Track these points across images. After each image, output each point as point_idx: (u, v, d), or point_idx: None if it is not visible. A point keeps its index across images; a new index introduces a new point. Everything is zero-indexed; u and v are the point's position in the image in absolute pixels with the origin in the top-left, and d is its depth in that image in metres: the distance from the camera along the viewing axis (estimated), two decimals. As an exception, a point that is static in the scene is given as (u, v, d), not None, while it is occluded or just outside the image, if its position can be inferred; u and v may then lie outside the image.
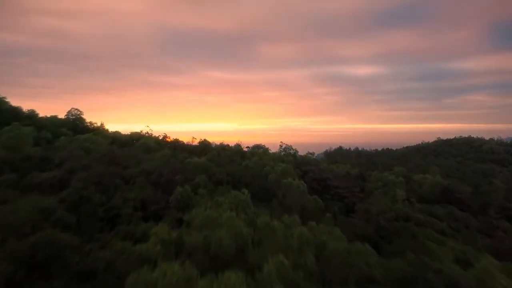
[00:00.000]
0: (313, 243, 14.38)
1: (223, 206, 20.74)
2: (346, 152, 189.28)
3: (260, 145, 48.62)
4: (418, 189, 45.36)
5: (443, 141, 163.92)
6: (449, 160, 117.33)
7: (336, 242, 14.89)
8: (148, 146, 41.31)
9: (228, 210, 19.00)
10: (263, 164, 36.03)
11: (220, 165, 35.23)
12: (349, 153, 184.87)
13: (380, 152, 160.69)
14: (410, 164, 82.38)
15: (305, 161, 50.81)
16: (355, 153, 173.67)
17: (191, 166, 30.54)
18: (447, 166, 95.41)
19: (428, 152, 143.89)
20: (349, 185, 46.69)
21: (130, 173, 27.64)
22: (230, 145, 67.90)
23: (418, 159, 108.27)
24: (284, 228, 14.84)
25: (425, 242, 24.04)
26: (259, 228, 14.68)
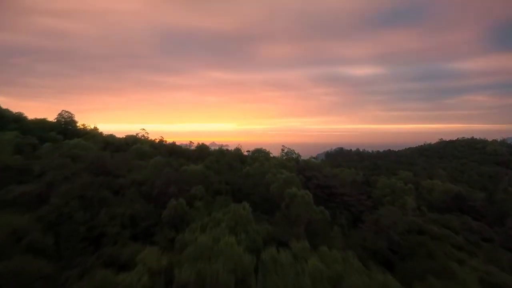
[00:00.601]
0: (326, 277, 12.12)
1: (221, 224, 18.41)
2: (347, 153, 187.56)
3: (261, 149, 46.27)
4: (427, 196, 43.02)
5: (446, 142, 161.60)
6: (453, 163, 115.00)
7: (354, 274, 12.61)
8: (142, 151, 38.95)
9: (226, 232, 16.66)
10: (265, 171, 33.69)
11: (218, 172, 32.87)
12: (350, 155, 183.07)
13: (382, 153, 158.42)
14: (415, 167, 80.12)
15: (309, 166, 48.48)
16: (356, 155, 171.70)
17: (187, 174, 28.18)
18: (452, 169, 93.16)
19: (431, 154, 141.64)
20: (355, 193, 44.39)
21: (119, 183, 25.27)
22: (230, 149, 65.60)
23: (422, 161, 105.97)
24: (293, 260, 12.55)
25: (446, 261, 21.74)
26: (264, 262, 12.40)
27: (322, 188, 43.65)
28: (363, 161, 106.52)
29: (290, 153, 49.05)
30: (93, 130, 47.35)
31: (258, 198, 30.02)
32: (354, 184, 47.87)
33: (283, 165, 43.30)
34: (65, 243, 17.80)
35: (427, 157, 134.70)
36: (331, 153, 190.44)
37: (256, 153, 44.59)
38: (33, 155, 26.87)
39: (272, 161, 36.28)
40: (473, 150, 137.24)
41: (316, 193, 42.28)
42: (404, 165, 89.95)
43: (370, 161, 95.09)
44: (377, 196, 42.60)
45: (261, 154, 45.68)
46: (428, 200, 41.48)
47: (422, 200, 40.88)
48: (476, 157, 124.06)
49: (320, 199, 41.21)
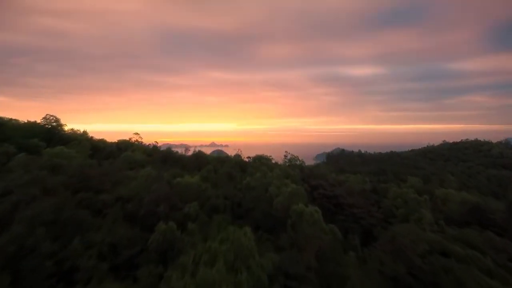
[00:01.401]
0: None
1: (217, 258, 15.22)
2: (349, 155, 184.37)
3: (263, 156, 43.04)
4: (442, 208, 39.86)
5: (450, 144, 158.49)
6: (459, 166, 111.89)
7: None
8: (133, 159, 35.72)
9: (223, 271, 13.48)
10: (267, 182, 30.49)
11: (216, 184, 29.65)
12: (352, 156, 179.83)
13: (385, 155, 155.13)
14: (422, 171, 76.91)
15: (313, 174, 45.29)
16: (358, 156, 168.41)
17: (181, 188, 24.95)
18: (459, 173, 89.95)
19: (436, 156, 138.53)
20: (364, 203, 41.18)
21: (102, 200, 22.05)
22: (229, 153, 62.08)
23: (428, 165, 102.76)
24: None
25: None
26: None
27: (329, 198, 40.43)
28: (367, 165, 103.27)
29: (294, 160, 45.88)
30: (82, 134, 44.10)
31: (260, 214, 26.83)
32: (363, 194, 44.72)
33: (287, 174, 40.12)
34: (26, 281, 14.63)
35: (431, 159, 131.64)
36: (332, 155, 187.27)
37: (258, 160, 41.38)
38: (5, 168, 23.62)
39: (275, 170, 33.05)
40: (478, 153, 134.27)
41: (322, 203, 39.14)
42: (410, 169, 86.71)
43: (375, 165, 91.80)
44: (387, 207, 39.45)
45: (263, 161, 42.47)
46: (443, 212, 38.30)
47: (437, 212, 37.71)
48: (481, 160, 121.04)
49: (327, 210, 38.04)
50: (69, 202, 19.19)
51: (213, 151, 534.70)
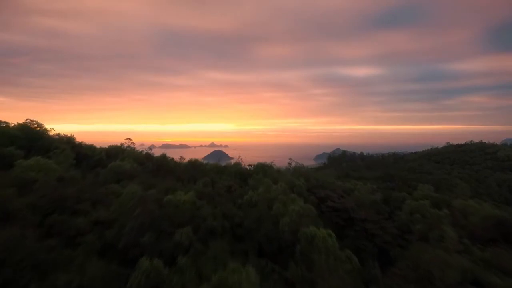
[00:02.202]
0: None
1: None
2: (351, 157, 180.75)
3: (266, 164, 39.46)
4: (463, 222, 36.34)
5: (454, 146, 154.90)
6: (466, 170, 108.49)
7: None
8: (122, 169, 32.14)
9: None
10: (272, 197, 26.97)
11: (213, 200, 26.07)
12: (354, 158, 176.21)
13: (389, 159, 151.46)
14: (431, 177, 73.49)
15: (320, 184, 41.74)
16: (361, 159, 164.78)
17: (171, 209, 21.42)
18: (467, 177, 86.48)
19: (441, 159, 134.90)
20: (377, 217, 37.62)
21: (76, 226, 18.50)
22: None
23: (435, 169, 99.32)
24: None
25: None
26: None
27: (338, 212, 36.88)
28: (371, 169, 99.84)
29: (299, 168, 42.38)
30: (69, 140, 40.43)
31: (264, 237, 23.35)
32: (374, 205, 41.17)
33: (293, 184, 36.61)
34: None
35: (436, 162, 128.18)
36: (334, 157, 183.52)
37: (260, 169, 37.78)
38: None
39: (280, 183, 29.47)
40: (484, 155, 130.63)
41: (331, 218, 35.66)
42: (417, 174, 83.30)
43: (381, 169, 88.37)
44: (402, 220, 35.97)
45: (266, 169, 38.91)
46: (465, 228, 34.80)
47: (458, 227, 34.20)
48: (489, 164, 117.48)
49: (337, 226, 34.53)
50: (31, 233, 15.60)
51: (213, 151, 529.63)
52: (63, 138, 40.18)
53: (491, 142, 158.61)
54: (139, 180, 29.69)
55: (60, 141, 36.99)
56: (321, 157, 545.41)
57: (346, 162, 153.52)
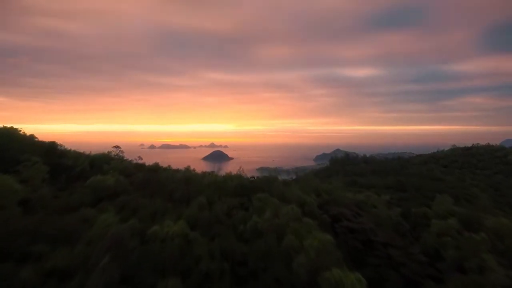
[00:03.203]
0: None
1: None
2: (354, 159, 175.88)
3: (271, 177, 34.69)
4: (501, 246, 31.63)
5: (461, 149, 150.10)
6: (476, 175, 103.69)
7: None
8: (104, 185, 27.34)
9: None
10: (281, 224, 22.21)
11: (209, 230, 21.26)
12: (357, 161, 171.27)
13: (393, 161, 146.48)
14: (445, 185, 68.69)
15: (332, 199, 36.90)
16: (364, 162, 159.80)
17: (156, 248, 16.66)
18: (482, 185, 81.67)
19: (448, 163, 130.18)
20: (402, 241, 32.84)
21: (22, 280, 13.74)
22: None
23: (445, 175, 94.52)
24: None
25: None
26: None
27: (355, 233, 32.10)
28: (377, 173, 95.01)
29: (308, 179, 37.62)
30: (49, 148, 35.54)
31: (273, 281, 18.63)
32: (394, 224, 36.31)
33: (303, 202, 31.89)
34: None
35: (444, 167, 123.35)
36: (336, 159, 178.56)
37: (265, 183, 33.00)
38: None
39: (290, 206, 24.61)
40: (493, 159, 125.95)
41: (347, 240, 30.88)
42: (428, 180, 78.51)
43: (389, 175, 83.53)
44: (429, 244, 31.25)
45: (271, 183, 34.12)
46: (505, 255, 30.09)
47: (496, 254, 29.48)
48: (499, 168, 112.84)
49: (354, 250, 29.80)
50: None
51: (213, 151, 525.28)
52: (41, 145, 35.34)
53: (496, 144, 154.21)
54: (122, 200, 24.88)
55: (35, 150, 32.09)
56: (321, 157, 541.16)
57: (349, 165, 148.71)
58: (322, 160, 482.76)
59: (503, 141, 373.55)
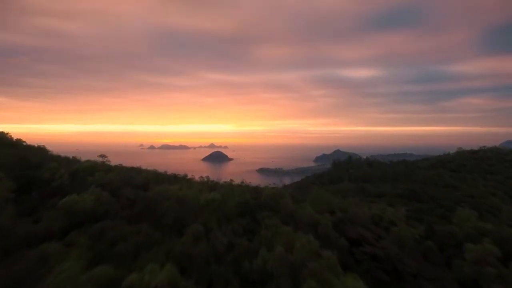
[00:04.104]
0: None
1: None
2: (357, 162, 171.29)
3: (278, 193, 30.08)
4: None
5: (469, 153, 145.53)
6: (488, 180, 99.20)
7: None
8: (80, 207, 22.78)
9: None
10: (297, 261, 17.68)
11: (205, 273, 16.72)
12: (360, 163, 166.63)
13: (398, 165, 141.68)
14: (461, 193, 64.28)
15: (349, 218, 32.27)
16: (368, 165, 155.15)
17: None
18: (499, 193, 77.15)
19: (456, 167, 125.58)
20: (434, 270, 28.28)
21: None
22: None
23: (456, 180, 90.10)
24: None
25: None
26: None
27: (379, 261, 27.53)
28: (386, 179, 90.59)
29: (321, 194, 33.08)
30: (21, 160, 30.96)
31: None
32: (417, 246, 31.72)
33: (316, 222, 27.40)
34: None
35: (452, 171, 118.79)
36: (339, 163, 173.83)
37: (272, 200, 28.47)
38: None
39: (307, 238, 19.97)
40: (503, 163, 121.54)
41: (370, 269, 26.26)
42: (440, 187, 74.10)
43: (399, 180, 79.12)
44: (466, 274, 26.64)
45: (279, 200, 29.56)
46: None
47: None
48: (510, 172, 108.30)
49: (379, 282, 25.24)
50: None
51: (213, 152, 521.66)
52: (12, 155, 30.73)
53: (510, 149, 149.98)
54: (100, 227, 20.30)
55: (1, 164, 27.46)
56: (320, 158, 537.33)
57: (352, 168, 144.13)
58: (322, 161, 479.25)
59: (503, 143, 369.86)
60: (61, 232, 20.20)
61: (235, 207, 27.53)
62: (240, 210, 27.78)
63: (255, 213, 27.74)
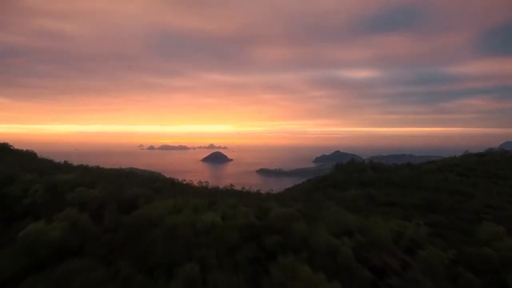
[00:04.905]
0: None
1: None
2: (361, 164, 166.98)
3: (288, 214, 25.84)
4: None
5: (476, 156, 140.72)
6: (500, 186, 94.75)
7: None
8: (44, 241, 18.42)
9: None
10: None
11: None
12: (363, 166, 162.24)
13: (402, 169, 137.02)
14: (478, 201, 60.03)
15: (371, 242, 27.89)
16: (372, 168, 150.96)
17: None
18: (508, 196, 72.80)
19: (465, 171, 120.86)
20: None
21: None
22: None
23: (468, 186, 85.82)
24: None
25: None
26: None
27: (410, 299, 23.09)
28: (393, 184, 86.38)
29: (337, 211, 28.73)
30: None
31: None
32: (449, 274, 27.45)
33: (335, 250, 22.97)
34: None
35: (460, 175, 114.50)
36: (342, 166, 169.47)
37: (281, 222, 24.15)
38: None
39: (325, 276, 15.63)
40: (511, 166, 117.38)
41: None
42: (453, 194, 69.91)
43: (411, 189, 74.80)
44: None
45: (290, 222, 25.18)
46: None
47: None
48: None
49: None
50: None
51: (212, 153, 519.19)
52: None
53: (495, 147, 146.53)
54: (65, 270, 15.88)
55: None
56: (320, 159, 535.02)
57: (357, 172, 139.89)
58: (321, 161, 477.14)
59: (503, 144, 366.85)
60: (17, 275, 15.78)
61: (238, 231, 23.16)
62: (244, 234, 23.43)
63: (261, 238, 23.38)
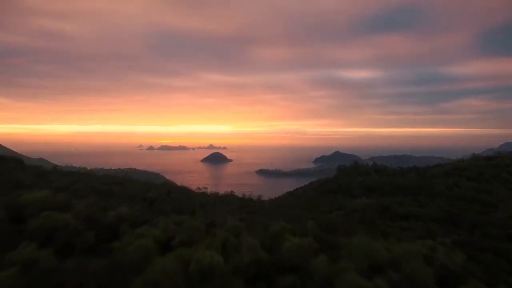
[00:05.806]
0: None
1: None
2: (364, 167, 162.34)
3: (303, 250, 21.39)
4: None
5: (484, 159, 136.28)
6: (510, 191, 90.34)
7: None
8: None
9: None
10: None
11: None
12: (367, 169, 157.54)
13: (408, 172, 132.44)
14: (497, 213, 55.48)
15: (404, 279, 23.30)
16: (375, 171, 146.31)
17: None
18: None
19: (475, 176, 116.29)
20: None
21: None
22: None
23: (480, 192, 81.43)
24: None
25: None
26: None
27: None
28: (404, 190, 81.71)
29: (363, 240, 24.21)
30: None
31: None
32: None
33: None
34: None
35: (469, 180, 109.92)
36: (345, 168, 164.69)
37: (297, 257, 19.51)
38: None
39: None
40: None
41: None
42: (471, 203, 65.30)
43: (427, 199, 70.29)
44: None
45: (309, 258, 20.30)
46: None
47: None
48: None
49: None
50: None
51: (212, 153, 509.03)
52: None
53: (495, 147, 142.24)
54: None
55: None
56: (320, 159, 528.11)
57: (361, 175, 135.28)
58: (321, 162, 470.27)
59: (503, 144, 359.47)
60: None
61: (244, 269, 18.12)
62: (251, 272, 18.60)
63: (272, 278, 18.48)
